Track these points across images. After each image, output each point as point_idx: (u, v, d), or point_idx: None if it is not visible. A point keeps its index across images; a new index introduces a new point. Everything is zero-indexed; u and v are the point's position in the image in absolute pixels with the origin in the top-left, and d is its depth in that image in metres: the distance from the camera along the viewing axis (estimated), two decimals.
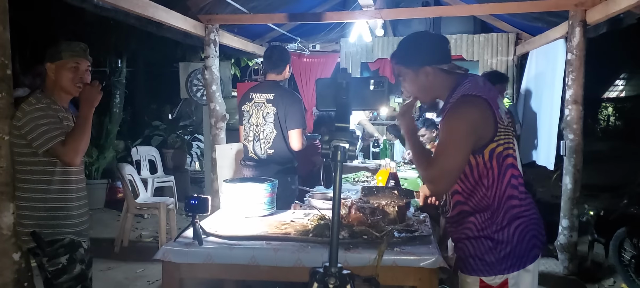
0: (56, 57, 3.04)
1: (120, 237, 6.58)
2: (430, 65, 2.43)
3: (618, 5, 4.75)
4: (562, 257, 5.59)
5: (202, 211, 2.92)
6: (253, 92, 4.46)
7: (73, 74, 3.06)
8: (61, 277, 3.00)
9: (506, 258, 2.33)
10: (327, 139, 1.87)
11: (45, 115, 2.91)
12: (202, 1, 6.03)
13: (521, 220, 2.36)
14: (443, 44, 2.51)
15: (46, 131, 2.89)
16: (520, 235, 2.34)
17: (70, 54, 3.06)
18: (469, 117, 2.28)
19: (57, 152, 2.91)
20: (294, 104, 4.31)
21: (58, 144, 2.91)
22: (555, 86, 6.51)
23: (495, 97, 2.37)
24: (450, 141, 2.30)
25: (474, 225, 2.39)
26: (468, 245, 2.41)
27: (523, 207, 2.38)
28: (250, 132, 4.43)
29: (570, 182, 5.48)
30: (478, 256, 2.37)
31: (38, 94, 2.99)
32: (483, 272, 2.37)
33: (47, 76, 3.07)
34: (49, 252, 2.97)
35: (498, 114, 2.31)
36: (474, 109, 2.29)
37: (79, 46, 3.12)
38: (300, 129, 4.32)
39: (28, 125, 2.89)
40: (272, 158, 4.37)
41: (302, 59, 9.74)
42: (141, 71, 13.43)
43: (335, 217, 1.89)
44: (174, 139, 10.67)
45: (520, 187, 2.38)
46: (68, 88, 3.07)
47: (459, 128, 2.28)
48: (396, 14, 7.48)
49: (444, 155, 2.29)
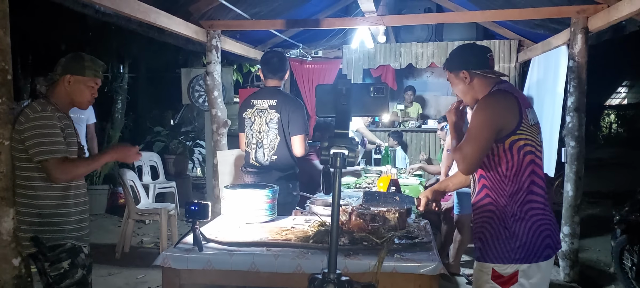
0: (78, 71, 3.06)
1: (121, 243, 6.57)
2: (467, 69, 2.71)
3: (620, 13, 4.75)
4: (563, 264, 5.58)
5: (202, 217, 2.92)
6: (254, 98, 4.43)
7: (90, 91, 3.14)
8: (63, 282, 3.00)
9: (519, 249, 2.52)
10: (327, 145, 1.87)
11: (47, 125, 2.91)
12: (204, 7, 6.03)
13: (538, 217, 2.56)
14: (481, 52, 2.77)
15: (45, 143, 2.89)
16: (535, 231, 2.53)
17: (94, 73, 3.12)
18: (491, 109, 2.57)
19: (49, 166, 2.90)
20: (297, 109, 4.30)
21: (55, 160, 2.90)
22: (557, 93, 6.50)
23: (527, 101, 2.67)
24: (471, 130, 2.57)
25: (492, 213, 2.61)
26: (486, 233, 2.62)
27: (541, 206, 2.58)
28: (252, 138, 4.39)
29: (571, 189, 5.47)
30: (493, 244, 2.58)
31: (41, 100, 3.00)
32: (497, 259, 2.57)
33: (59, 84, 3.07)
34: (51, 256, 2.97)
35: (525, 113, 2.56)
36: (499, 102, 2.59)
37: (101, 66, 3.20)
38: (303, 135, 4.30)
39: (28, 132, 2.89)
40: (274, 164, 4.35)
41: (304, 65, 9.74)
42: (143, 77, 13.44)
43: (334, 223, 1.88)
44: (175, 145, 10.66)
45: (541, 189, 2.61)
46: (80, 102, 3.13)
47: (481, 119, 2.56)
48: (398, 21, 7.48)
49: (466, 142, 2.57)
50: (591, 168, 6.64)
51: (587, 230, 7.71)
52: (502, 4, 6.64)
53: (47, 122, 2.92)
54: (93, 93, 3.17)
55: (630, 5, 4.55)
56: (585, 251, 6.45)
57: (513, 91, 2.64)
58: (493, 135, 2.53)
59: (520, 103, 2.56)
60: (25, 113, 2.92)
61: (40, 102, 2.98)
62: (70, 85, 3.06)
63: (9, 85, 2.96)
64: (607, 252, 5.87)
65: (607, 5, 5.04)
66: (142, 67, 13.12)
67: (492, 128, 2.53)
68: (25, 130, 2.89)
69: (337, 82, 2.00)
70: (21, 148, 2.93)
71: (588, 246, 6.84)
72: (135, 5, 4.71)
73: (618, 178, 13.20)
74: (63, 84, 3.06)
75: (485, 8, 7.12)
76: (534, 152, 2.57)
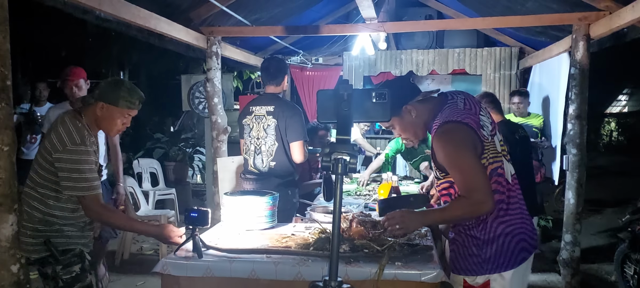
0: (112, 101, 3.02)
1: (121, 250, 6.56)
2: (407, 104, 2.61)
3: (622, 20, 4.74)
4: (564, 272, 5.54)
5: (202, 224, 2.90)
6: (253, 105, 4.45)
7: (122, 122, 3.09)
8: (75, 286, 3.01)
9: (490, 259, 2.47)
10: (328, 151, 1.85)
11: (85, 161, 2.90)
12: (204, 13, 6.03)
13: (507, 224, 2.48)
14: (407, 82, 2.73)
15: (80, 180, 2.89)
16: (505, 238, 2.47)
17: (128, 105, 3.05)
18: (462, 138, 2.43)
19: (86, 202, 2.92)
20: (295, 115, 4.30)
21: (92, 196, 2.91)
22: (558, 100, 6.49)
23: (476, 117, 2.53)
24: (465, 167, 2.40)
25: (463, 229, 2.55)
26: (458, 244, 2.58)
27: (510, 212, 2.50)
28: (251, 145, 4.41)
29: (573, 197, 5.44)
30: (463, 256, 2.55)
31: (77, 123, 2.97)
32: (466, 272, 2.54)
33: (92, 107, 3.04)
34: (63, 260, 2.98)
35: (480, 133, 2.47)
36: (462, 132, 2.45)
37: (138, 97, 3.10)
38: (302, 141, 4.30)
39: (65, 163, 2.87)
40: (273, 171, 4.35)
41: (304, 72, 9.73)
42: (143, 83, 13.42)
43: (335, 230, 1.87)
44: (175, 152, 10.65)
45: (508, 193, 2.51)
46: (109, 130, 3.12)
47: (452, 148, 2.44)
48: (399, 27, 7.47)
49: (469, 181, 2.39)
50: (592, 176, 6.62)
51: (589, 238, 7.71)
52: (503, 11, 6.64)
53: (86, 157, 2.91)
54: (125, 123, 3.11)
55: (632, 12, 4.54)
56: (587, 259, 6.42)
57: (461, 117, 2.48)
58: (474, 153, 2.42)
59: (473, 127, 2.46)
60: (62, 138, 2.89)
61: (76, 125, 2.95)
62: (102, 112, 3.03)
63: (9, 90, 2.94)
64: (608, 260, 5.85)
65: (609, 12, 5.03)
66: (142, 74, 13.13)
67: (469, 148, 2.42)
68: (61, 160, 2.88)
69: (338, 88, 1.98)
70: (48, 169, 2.92)
71: (589, 254, 6.81)
72: (135, 11, 4.70)
73: (619, 186, 13.18)
74: (95, 109, 3.03)
75: (486, 15, 7.11)
76: (499, 165, 2.51)
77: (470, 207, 2.39)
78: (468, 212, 2.44)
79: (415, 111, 2.60)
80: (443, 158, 2.48)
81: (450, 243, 2.64)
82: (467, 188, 2.39)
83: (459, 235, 2.57)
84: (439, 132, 2.49)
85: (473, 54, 8.79)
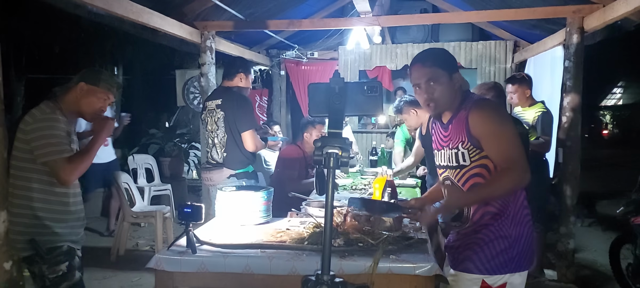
0: (93, 82, 3.08)
1: (116, 246, 6.54)
2: (458, 72, 2.57)
3: (616, 12, 4.74)
4: (559, 264, 5.56)
5: (196, 219, 2.90)
6: (207, 100, 4.69)
7: (100, 104, 3.13)
8: (61, 285, 2.98)
9: (514, 259, 2.47)
10: (320, 145, 1.84)
11: (55, 127, 2.90)
12: (198, 8, 6.01)
13: (529, 224, 2.53)
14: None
15: (52, 143, 2.87)
16: (527, 239, 2.51)
17: (108, 86, 3.13)
18: (504, 112, 2.61)
19: (57, 167, 2.88)
20: (242, 106, 4.43)
21: (62, 159, 2.88)
22: (553, 93, 6.49)
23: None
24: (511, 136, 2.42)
25: (493, 227, 2.48)
26: (484, 247, 2.49)
27: (528, 212, 2.55)
28: (208, 138, 4.61)
29: (567, 189, 5.45)
30: (489, 256, 2.48)
31: (50, 103, 2.98)
32: (490, 271, 2.48)
33: (72, 90, 3.07)
34: (49, 259, 2.95)
35: None
36: (501, 108, 2.71)
37: (116, 82, 3.25)
38: (252, 130, 4.43)
39: (35, 132, 2.86)
40: (226, 162, 4.52)
41: (300, 66, 9.74)
42: (138, 79, 13.39)
43: (327, 223, 1.86)
44: (170, 147, 10.61)
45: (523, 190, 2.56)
46: (87, 113, 3.12)
47: (506, 123, 2.47)
48: (394, 21, 7.46)
49: (514, 150, 2.39)
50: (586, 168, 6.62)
51: (583, 231, 7.72)
52: (497, 5, 6.63)
53: (55, 123, 2.90)
54: (102, 107, 3.16)
55: (625, 4, 4.54)
56: (581, 251, 6.43)
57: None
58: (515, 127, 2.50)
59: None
60: (33, 113, 2.90)
61: (49, 105, 2.96)
62: (83, 93, 3.05)
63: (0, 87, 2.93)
64: (603, 252, 5.85)
65: (602, 5, 5.03)
66: (136, 69, 13.06)
67: (511, 121, 2.53)
68: (32, 131, 2.87)
69: (330, 81, 1.97)
70: (25, 149, 2.90)
71: (584, 246, 6.83)
72: (127, 5, 4.68)
73: (613, 178, 13.21)
74: (76, 91, 3.05)
75: (480, 8, 7.10)
76: None
77: (518, 176, 2.36)
78: (517, 182, 2.38)
79: (459, 82, 2.58)
80: (486, 129, 2.44)
81: (471, 248, 2.53)
82: (511, 158, 2.37)
83: (488, 234, 2.49)
84: (481, 104, 2.52)
85: (468, 47, 8.80)
